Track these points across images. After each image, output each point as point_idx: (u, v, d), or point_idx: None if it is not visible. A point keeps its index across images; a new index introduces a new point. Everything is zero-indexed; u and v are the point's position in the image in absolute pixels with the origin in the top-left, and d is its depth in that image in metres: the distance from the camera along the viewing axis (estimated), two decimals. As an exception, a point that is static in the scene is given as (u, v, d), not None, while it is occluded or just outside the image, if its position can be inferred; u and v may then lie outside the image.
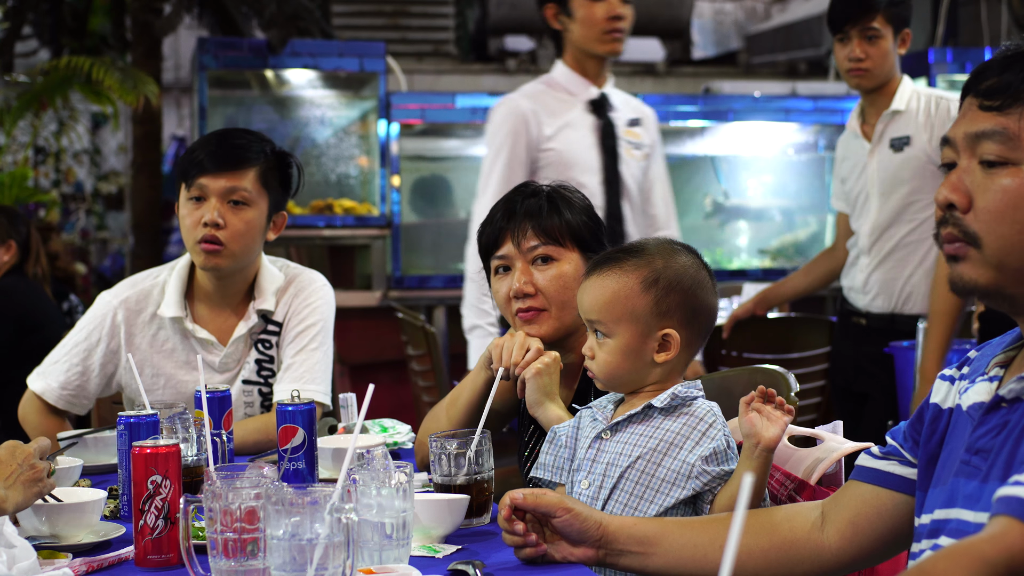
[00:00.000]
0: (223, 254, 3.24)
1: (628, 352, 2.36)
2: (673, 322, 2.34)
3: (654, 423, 2.30)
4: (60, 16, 9.04)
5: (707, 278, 2.40)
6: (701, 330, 2.38)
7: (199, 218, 3.22)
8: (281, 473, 2.59)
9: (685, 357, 2.38)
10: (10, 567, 1.91)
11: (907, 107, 4.56)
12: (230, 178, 3.23)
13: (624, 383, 2.39)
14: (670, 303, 2.34)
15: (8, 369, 5.20)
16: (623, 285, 2.37)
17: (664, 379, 2.36)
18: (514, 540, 2.10)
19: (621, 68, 10.40)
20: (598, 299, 2.39)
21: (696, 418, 2.28)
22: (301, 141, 7.61)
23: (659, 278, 2.35)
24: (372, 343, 7.03)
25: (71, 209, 13.90)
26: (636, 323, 2.35)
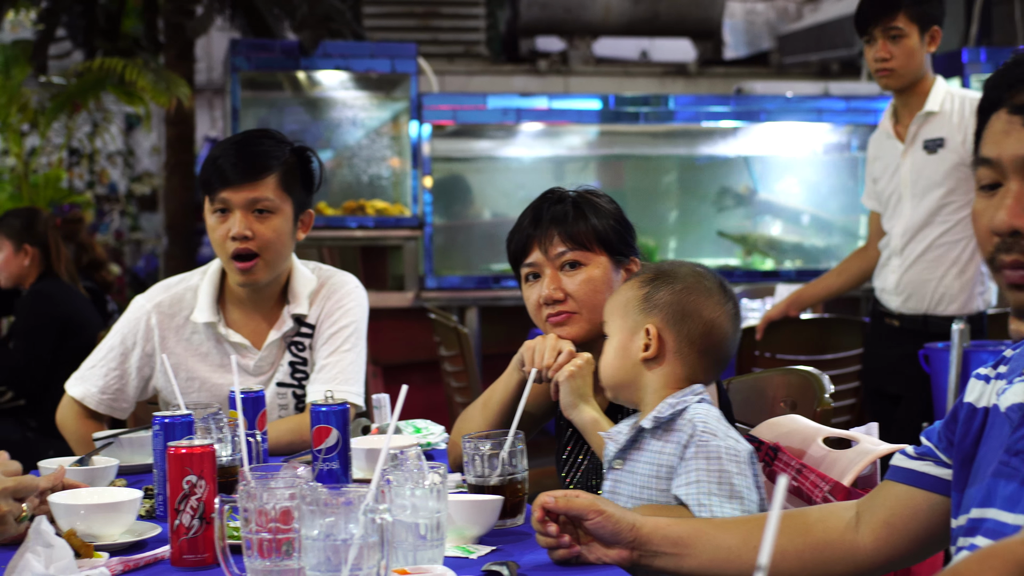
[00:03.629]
0: (258, 268, 3.24)
1: (618, 349, 2.38)
2: (658, 319, 2.34)
3: (648, 447, 2.31)
4: (93, 18, 9.09)
5: (715, 293, 2.36)
6: (695, 339, 2.33)
7: (226, 231, 3.22)
8: (315, 473, 2.60)
9: (681, 367, 2.34)
10: (47, 566, 1.92)
11: (941, 108, 4.54)
12: (251, 189, 3.21)
13: (619, 386, 2.40)
14: (657, 300, 2.35)
15: (48, 372, 5.24)
16: (626, 285, 2.42)
17: (663, 387, 2.34)
18: (547, 542, 2.10)
19: (652, 69, 10.40)
20: (608, 301, 2.44)
21: (678, 443, 2.25)
22: (333, 142, 7.63)
23: (656, 278, 2.37)
24: (405, 344, 7.04)
25: (105, 210, 13.96)
26: (625, 317, 2.37)
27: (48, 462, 2.77)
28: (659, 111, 7.68)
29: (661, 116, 7.69)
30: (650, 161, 8.56)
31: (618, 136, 8.21)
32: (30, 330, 5.35)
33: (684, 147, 8.54)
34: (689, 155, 8.60)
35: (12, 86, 8.49)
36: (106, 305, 6.38)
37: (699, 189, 8.50)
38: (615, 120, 7.71)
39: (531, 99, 7.64)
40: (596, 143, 8.29)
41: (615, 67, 10.36)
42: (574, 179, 7.90)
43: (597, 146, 8.36)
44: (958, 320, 4.36)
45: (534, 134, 7.91)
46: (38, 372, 5.28)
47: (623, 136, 8.22)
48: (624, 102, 7.65)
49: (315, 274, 3.42)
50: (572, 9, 9.97)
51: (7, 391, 5.35)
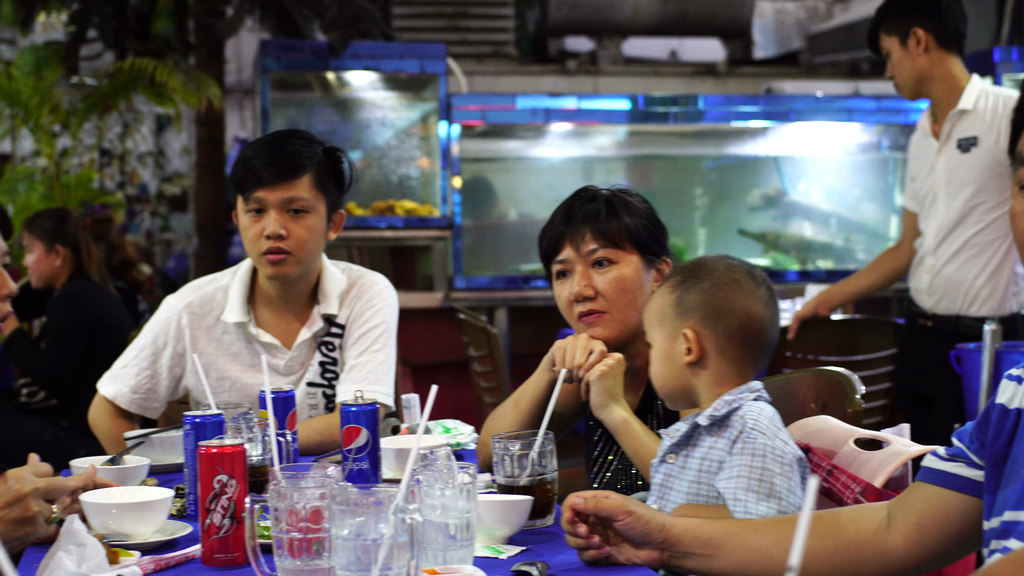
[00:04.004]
0: (289, 262, 3.25)
1: (662, 357, 2.36)
2: (693, 320, 2.31)
3: (702, 442, 2.29)
4: (124, 19, 9.12)
5: (745, 283, 2.32)
6: (733, 334, 2.31)
7: (260, 230, 3.23)
8: (345, 473, 2.60)
9: (727, 364, 2.31)
10: (79, 564, 1.93)
11: (975, 106, 4.51)
12: (287, 188, 3.23)
13: (672, 392, 2.38)
14: (690, 302, 2.32)
15: (80, 372, 5.27)
16: (659, 291, 2.39)
17: (713, 387, 2.31)
18: (577, 542, 2.09)
19: (682, 69, 10.38)
20: (644, 310, 2.41)
21: (728, 439, 2.24)
22: (362, 143, 7.65)
23: (685, 279, 2.34)
24: (434, 344, 7.04)
25: (136, 211, 14.04)
26: (664, 325, 2.35)
27: (80, 461, 2.78)
28: (688, 111, 7.66)
29: (690, 116, 7.68)
30: (679, 161, 8.55)
31: (647, 136, 8.20)
32: (62, 330, 5.38)
33: (713, 147, 8.52)
34: (718, 155, 8.58)
35: (44, 87, 8.53)
36: (137, 305, 6.41)
37: (728, 189, 8.48)
38: (644, 120, 7.70)
39: (560, 99, 7.64)
40: (625, 143, 8.29)
41: (644, 67, 10.34)
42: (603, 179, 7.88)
43: (626, 146, 8.35)
44: (990, 321, 4.33)
45: (563, 134, 7.90)
46: (70, 372, 5.31)
47: (652, 136, 8.21)
48: (653, 102, 7.64)
49: (345, 274, 3.43)
50: (601, 9, 9.96)
51: (39, 391, 5.38)
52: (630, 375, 2.72)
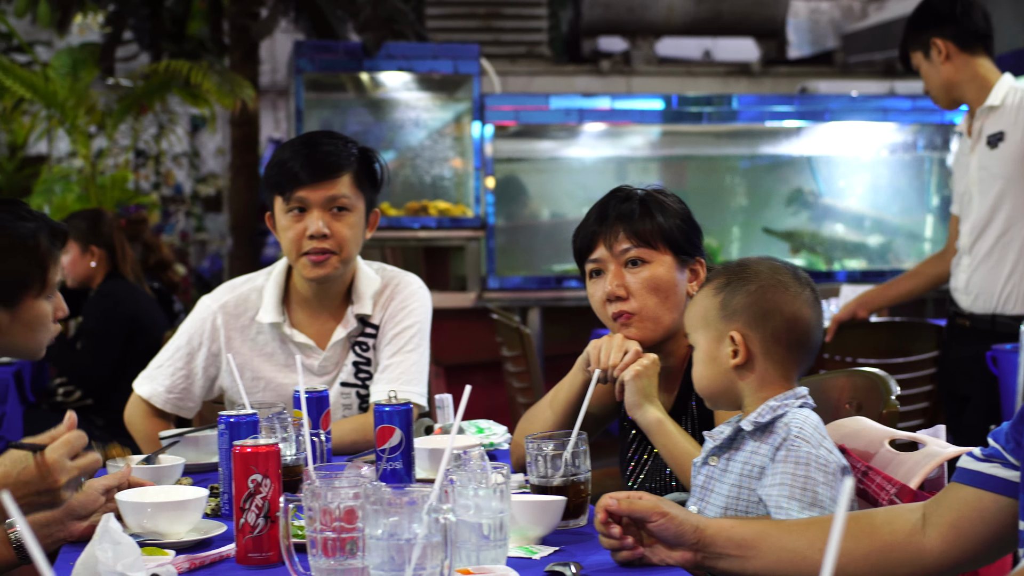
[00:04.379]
0: (331, 261, 3.25)
1: (707, 360, 2.34)
2: (739, 324, 2.29)
3: (745, 446, 2.28)
4: (160, 21, 9.17)
5: (790, 285, 2.30)
6: (780, 336, 2.29)
7: (302, 230, 3.24)
8: (379, 473, 2.61)
9: (773, 366, 2.29)
10: (115, 563, 1.94)
11: (1002, 102, 4.49)
12: (328, 187, 3.24)
13: (716, 395, 2.36)
14: (735, 304, 2.30)
15: (115, 372, 5.30)
16: (701, 294, 2.37)
17: (759, 390, 2.30)
18: (611, 543, 2.09)
19: (715, 68, 10.35)
20: (686, 312, 2.40)
21: (771, 446, 2.22)
22: (395, 143, 7.66)
23: (729, 282, 2.33)
24: (467, 344, 7.05)
25: (171, 211, 14.10)
26: (708, 328, 2.33)
27: (115, 461, 2.79)
28: (722, 111, 7.65)
29: (724, 116, 7.66)
30: (713, 162, 8.53)
31: (681, 136, 8.19)
32: (98, 330, 5.41)
33: (747, 147, 8.49)
34: (752, 155, 8.55)
35: (80, 88, 8.58)
36: (172, 305, 6.44)
37: (762, 189, 8.45)
38: (678, 120, 7.69)
39: (593, 99, 7.63)
40: (659, 143, 8.27)
41: (678, 67, 10.32)
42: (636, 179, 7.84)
43: (660, 146, 8.34)
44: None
45: (596, 134, 7.90)
46: (105, 372, 5.34)
47: (686, 136, 8.19)
48: (687, 102, 7.62)
49: (379, 275, 3.43)
50: (635, 9, 9.95)
51: (75, 390, 5.41)
52: (664, 375, 2.72)
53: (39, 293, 2.63)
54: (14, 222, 2.62)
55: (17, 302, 2.60)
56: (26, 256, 2.60)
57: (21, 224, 2.62)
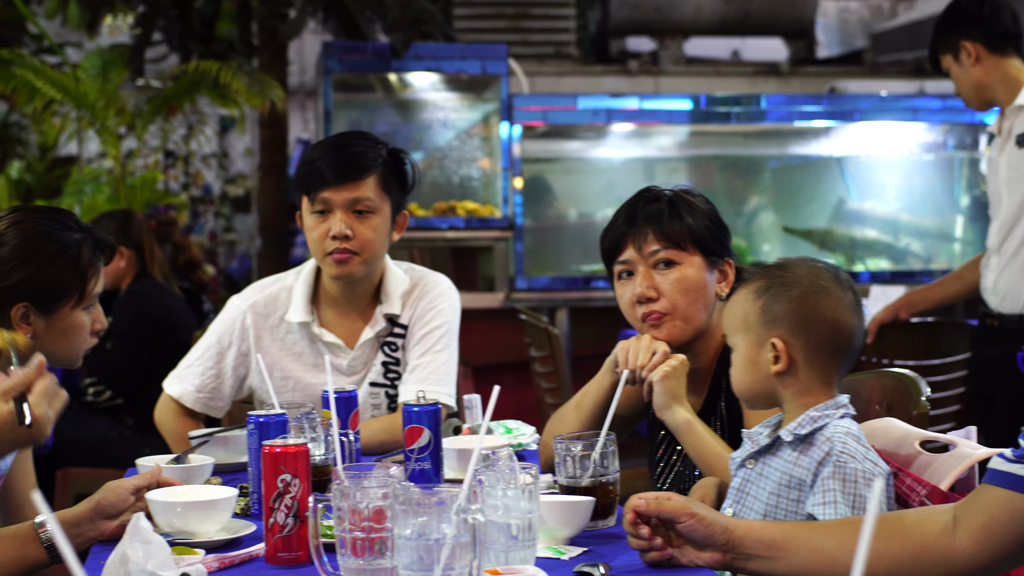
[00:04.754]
0: (354, 262, 3.26)
1: (747, 364, 2.32)
2: (781, 330, 2.27)
3: (782, 454, 2.26)
4: (189, 22, 9.21)
5: (833, 290, 2.28)
6: (822, 342, 2.27)
7: (326, 231, 3.25)
8: (408, 473, 2.61)
9: (814, 372, 2.28)
10: (145, 562, 1.95)
11: None
12: (352, 189, 3.24)
13: (754, 398, 2.35)
14: (777, 310, 2.28)
15: (145, 372, 5.32)
16: (740, 296, 2.35)
17: (800, 395, 2.28)
18: (639, 544, 2.09)
19: (744, 68, 10.33)
20: (724, 313, 2.38)
21: (814, 459, 2.20)
22: (424, 144, 7.67)
23: (770, 286, 2.30)
24: (495, 345, 7.05)
25: (200, 212, 14.16)
26: (748, 332, 2.31)
27: (145, 460, 2.81)
28: (751, 111, 7.62)
29: (753, 116, 7.64)
30: (741, 162, 8.50)
31: (709, 136, 8.17)
32: (127, 330, 5.43)
33: (776, 147, 8.46)
34: (781, 155, 8.52)
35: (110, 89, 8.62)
36: (202, 305, 6.46)
37: (791, 190, 8.42)
38: (706, 120, 7.67)
39: (621, 100, 7.62)
40: (687, 144, 8.25)
41: (706, 67, 10.31)
42: (665, 180, 7.87)
43: (688, 147, 8.32)
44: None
45: (624, 135, 7.88)
46: (135, 372, 5.36)
47: (714, 136, 8.17)
48: (715, 102, 7.60)
49: (408, 275, 3.44)
50: (663, 9, 9.94)
51: (105, 390, 5.44)
52: (693, 376, 2.71)
53: (77, 303, 2.64)
54: (60, 231, 2.64)
55: (54, 310, 2.62)
56: (67, 266, 2.62)
57: (67, 234, 2.64)
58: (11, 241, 2.61)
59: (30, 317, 2.60)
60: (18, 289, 2.58)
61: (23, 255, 2.59)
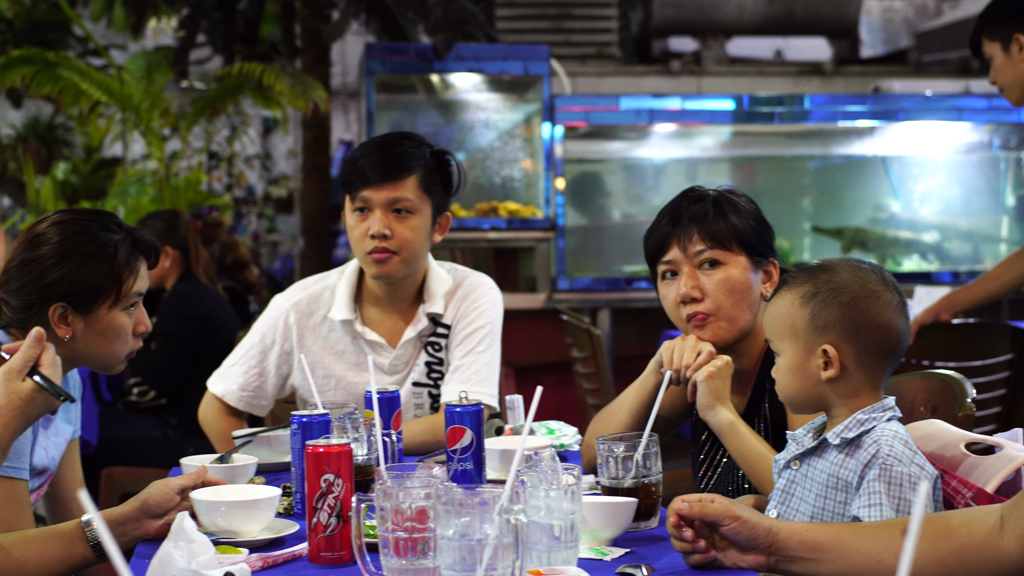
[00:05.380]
0: (392, 262, 3.27)
1: (794, 370, 2.31)
2: (832, 336, 2.26)
3: (828, 456, 2.25)
4: (232, 24, 9.26)
5: (882, 294, 2.27)
6: (873, 347, 2.26)
7: (366, 230, 3.26)
8: (450, 474, 2.62)
9: (865, 376, 2.26)
10: (189, 561, 1.96)
11: None
12: (392, 188, 3.26)
13: (802, 404, 2.34)
14: (827, 317, 2.26)
15: (189, 371, 5.35)
16: (785, 302, 2.32)
17: (848, 399, 2.27)
18: (683, 546, 2.08)
19: (787, 68, 10.28)
20: (767, 318, 2.36)
21: (860, 462, 2.19)
22: (466, 144, 7.68)
23: (818, 292, 2.28)
24: (537, 345, 7.05)
25: (243, 212, 14.23)
26: (796, 339, 2.29)
27: (190, 459, 2.82)
28: (794, 111, 7.59)
29: (796, 116, 7.61)
30: (784, 162, 8.47)
31: (752, 137, 8.14)
32: (172, 331, 5.46)
33: (819, 147, 8.42)
34: (824, 155, 8.48)
35: (154, 91, 8.67)
36: (248, 306, 6.49)
37: (834, 190, 8.38)
38: (749, 120, 7.64)
39: (664, 100, 7.60)
40: (729, 144, 8.23)
41: (749, 67, 10.26)
42: (707, 180, 7.84)
43: (730, 147, 8.29)
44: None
45: (667, 135, 7.87)
46: (179, 371, 5.39)
47: (757, 137, 8.14)
48: (758, 102, 7.58)
49: (451, 275, 3.44)
50: (705, 9, 9.90)
51: (150, 390, 5.47)
52: (737, 377, 2.70)
53: (114, 303, 2.65)
54: (99, 231, 2.67)
55: (91, 309, 2.64)
56: (103, 265, 2.63)
57: (105, 234, 2.67)
58: (51, 240, 2.64)
59: (68, 317, 2.62)
60: (55, 287, 2.61)
61: (60, 254, 2.62)
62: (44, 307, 2.61)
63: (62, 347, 2.58)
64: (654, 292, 2.84)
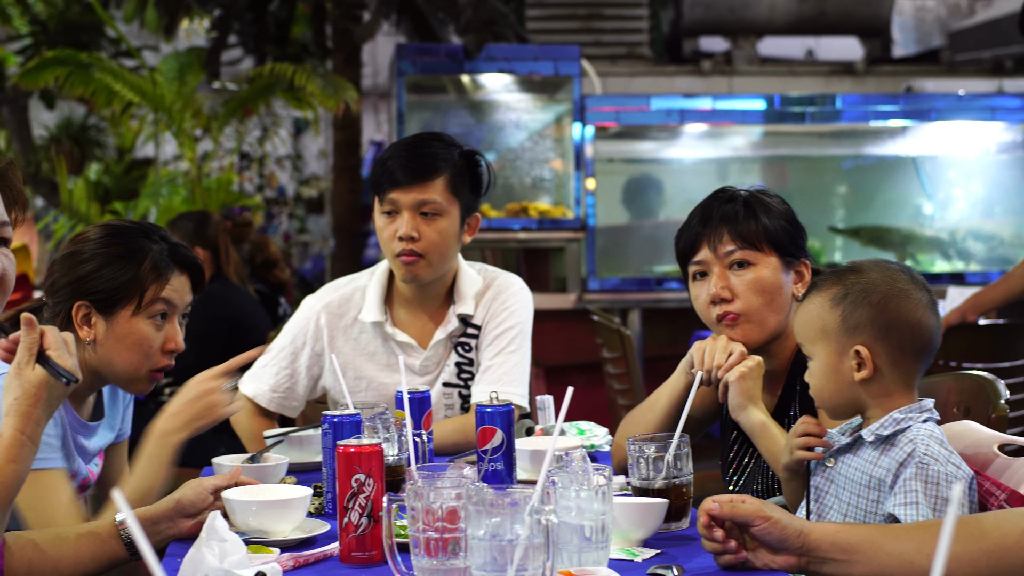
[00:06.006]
0: (421, 265, 3.28)
1: (828, 372, 2.30)
2: (864, 338, 2.25)
3: (862, 454, 2.25)
4: (264, 25, 9.29)
5: (912, 292, 2.26)
6: (905, 346, 2.25)
7: (394, 232, 3.27)
8: (481, 474, 2.62)
9: (898, 376, 2.26)
10: (221, 560, 1.97)
11: None
12: (420, 190, 3.26)
13: (838, 407, 2.33)
14: (858, 318, 2.26)
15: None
16: (815, 304, 2.32)
17: (883, 399, 2.26)
18: (713, 547, 2.08)
19: (818, 68, 10.24)
20: (797, 321, 2.36)
21: (895, 460, 2.19)
22: (496, 145, 7.68)
23: (847, 293, 2.28)
24: (567, 345, 7.05)
25: (274, 213, 14.27)
26: (828, 341, 2.29)
27: (221, 459, 2.83)
28: (825, 111, 7.56)
29: (827, 116, 7.58)
30: (816, 162, 8.44)
31: (783, 136, 8.12)
32: (202, 331, 5.47)
33: (851, 147, 8.39)
34: (856, 155, 8.45)
35: (186, 92, 8.71)
36: (278, 307, 6.50)
37: (866, 190, 8.35)
38: (780, 120, 7.62)
39: (695, 100, 7.59)
40: (760, 144, 8.21)
41: (780, 67, 10.23)
42: (738, 180, 7.82)
43: (761, 147, 8.27)
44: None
45: (697, 135, 7.85)
46: (210, 372, 5.40)
47: (788, 136, 8.12)
48: (789, 102, 7.55)
49: (481, 275, 3.44)
50: (736, 9, 9.88)
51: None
52: (767, 378, 2.70)
53: (136, 310, 2.66)
54: (137, 237, 2.69)
55: (112, 312, 2.65)
56: (129, 267, 2.65)
57: (143, 241, 2.69)
58: (92, 237, 2.70)
59: (91, 318, 2.64)
60: (81, 284, 2.64)
61: (93, 251, 2.66)
62: (70, 304, 2.63)
63: (86, 355, 2.60)
64: (685, 292, 2.83)
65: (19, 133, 10.66)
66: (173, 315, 2.74)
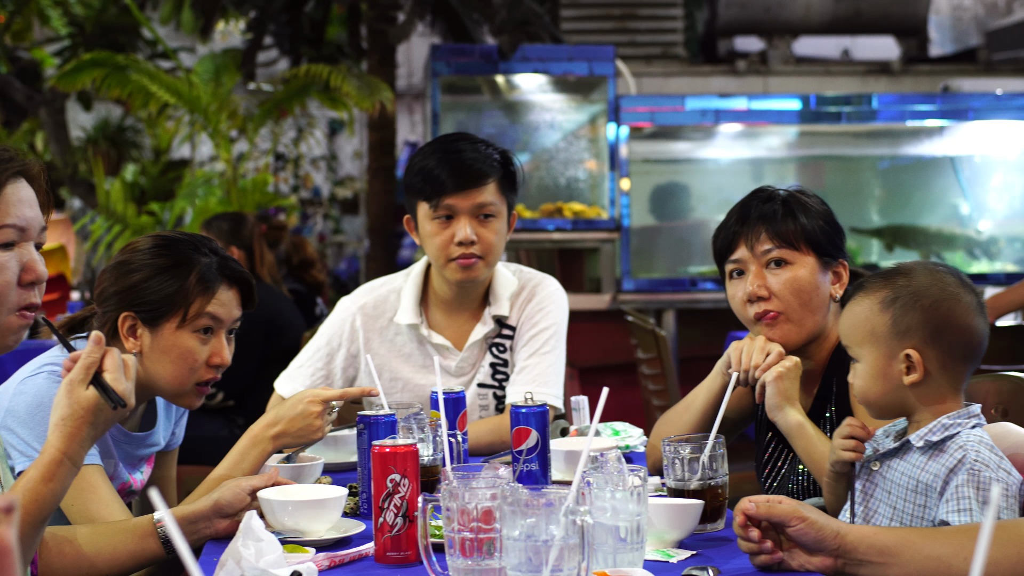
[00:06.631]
0: (478, 266, 3.28)
1: (876, 376, 2.28)
2: (915, 341, 2.23)
3: (909, 458, 2.23)
4: (299, 26, 9.32)
5: (962, 296, 2.24)
6: (956, 350, 2.24)
7: (450, 237, 3.27)
8: (516, 474, 2.62)
9: (947, 380, 2.24)
10: (257, 559, 1.98)
11: None
12: (476, 194, 3.27)
13: (884, 409, 2.31)
14: (909, 322, 2.24)
15: (256, 373, 5.38)
16: (864, 307, 2.30)
17: (932, 403, 2.24)
18: (749, 547, 2.07)
19: (855, 68, 10.20)
20: (844, 324, 2.34)
21: (945, 466, 2.16)
22: (530, 145, 7.68)
23: (897, 297, 2.26)
24: (601, 346, 7.04)
25: (309, 214, 14.33)
26: (877, 344, 2.27)
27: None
28: (861, 111, 7.53)
29: (863, 116, 7.54)
30: (852, 162, 8.40)
31: (819, 137, 8.08)
32: (238, 332, 5.50)
33: (887, 147, 8.35)
34: (893, 155, 8.41)
35: (222, 93, 8.76)
36: (314, 308, 6.52)
37: (903, 190, 8.30)
38: (816, 120, 7.59)
39: (730, 100, 7.57)
40: (796, 144, 8.18)
41: (815, 66, 10.20)
42: (774, 180, 7.79)
43: (797, 147, 8.24)
44: None
45: (733, 135, 7.83)
46: (245, 373, 5.43)
47: (824, 136, 8.09)
48: (825, 102, 7.52)
49: (516, 276, 3.45)
50: (771, 8, 9.85)
51: (217, 392, 5.52)
52: (803, 378, 2.68)
53: (181, 323, 2.65)
54: (186, 249, 2.67)
55: (158, 324, 2.64)
56: (176, 279, 2.64)
57: (192, 253, 2.67)
58: (142, 247, 2.68)
59: (137, 330, 2.64)
60: (128, 294, 2.63)
61: (142, 261, 2.65)
62: (117, 314, 2.63)
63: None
64: (720, 293, 2.83)
65: (56, 134, 10.73)
66: (220, 329, 2.72)
